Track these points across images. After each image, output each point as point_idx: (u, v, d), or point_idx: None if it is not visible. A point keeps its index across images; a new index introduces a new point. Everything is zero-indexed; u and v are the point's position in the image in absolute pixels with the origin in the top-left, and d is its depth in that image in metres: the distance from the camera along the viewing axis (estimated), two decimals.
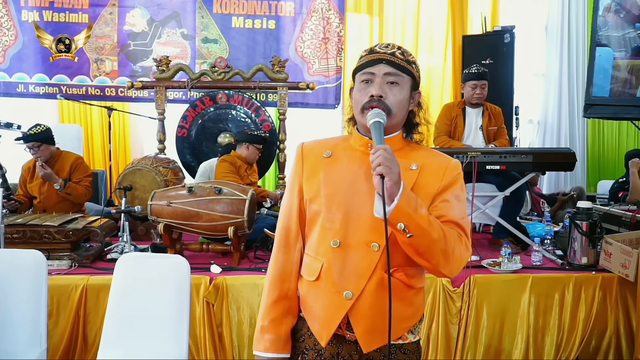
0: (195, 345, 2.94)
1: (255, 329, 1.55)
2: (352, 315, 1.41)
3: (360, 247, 1.40)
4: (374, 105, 1.39)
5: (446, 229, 1.35)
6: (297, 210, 1.51)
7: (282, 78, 4.85)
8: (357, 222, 1.40)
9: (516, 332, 3.06)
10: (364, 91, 1.42)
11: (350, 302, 1.39)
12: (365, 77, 1.44)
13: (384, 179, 1.25)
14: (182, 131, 5.01)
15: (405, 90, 1.44)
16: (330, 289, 1.41)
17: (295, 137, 5.10)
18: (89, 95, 5.68)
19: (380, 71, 1.42)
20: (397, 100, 1.42)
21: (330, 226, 1.42)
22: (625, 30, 2.06)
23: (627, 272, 2.97)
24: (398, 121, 1.46)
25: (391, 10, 5.93)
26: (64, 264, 3.14)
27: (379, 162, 1.25)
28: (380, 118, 1.37)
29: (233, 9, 5.67)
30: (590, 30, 5.54)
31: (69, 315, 2.93)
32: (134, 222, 3.94)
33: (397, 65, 1.42)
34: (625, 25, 2.06)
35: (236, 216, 3.17)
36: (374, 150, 1.28)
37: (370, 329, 1.40)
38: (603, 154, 6.36)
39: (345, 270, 1.40)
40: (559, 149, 5.04)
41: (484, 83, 4.02)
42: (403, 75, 1.43)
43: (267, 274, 1.55)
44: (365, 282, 1.39)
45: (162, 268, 2.35)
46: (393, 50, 1.44)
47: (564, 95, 6.18)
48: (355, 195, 1.42)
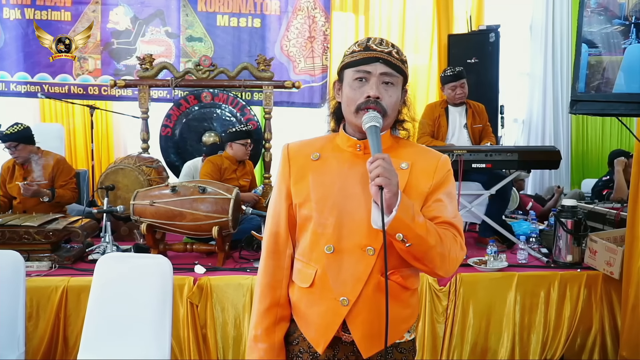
0: (179, 346, 2.90)
1: (248, 338, 1.52)
2: (349, 321, 1.38)
3: (355, 252, 1.37)
4: (371, 107, 1.35)
5: (442, 232, 1.34)
6: (286, 215, 1.47)
7: (267, 77, 4.81)
8: (350, 227, 1.37)
9: (502, 331, 3.06)
10: (359, 90, 1.38)
11: (347, 308, 1.36)
12: (360, 75, 1.38)
13: (383, 190, 1.22)
14: (166, 130, 4.95)
15: (398, 90, 1.41)
16: (326, 296, 1.38)
17: (281, 137, 5.07)
18: (71, 94, 5.59)
19: (376, 70, 1.37)
20: (393, 102, 1.39)
21: (323, 231, 1.39)
22: (602, 26, 2.06)
23: (612, 269, 2.99)
24: (390, 122, 1.44)
25: (377, 9, 5.91)
26: (44, 265, 3.08)
27: (378, 173, 1.22)
28: (376, 122, 1.33)
29: (218, 7, 5.62)
30: (575, 29, 5.59)
31: (49, 317, 2.88)
32: (116, 222, 3.88)
33: (393, 66, 1.38)
34: (602, 21, 2.06)
35: (220, 216, 3.13)
36: (371, 160, 1.25)
37: (369, 333, 1.38)
38: (587, 152, 6.41)
39: (341, 276, 1.37)
40: (544, 147, 5.05)
41: (463, 82, 4.03)
42: (398, 76, 1.40)
43: (257, 281, 1.52)
44: (362, 287, 1.36)
45: (143, 268, 2.31)
46: (389, 49, 1.39)
47: (548, 95, 6.22)
48: (347, 198, 1.38)
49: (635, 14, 1.96)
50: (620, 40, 1.98)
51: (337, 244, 1.38)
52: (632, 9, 1.97)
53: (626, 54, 1.97)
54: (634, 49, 1.95)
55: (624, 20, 1.99)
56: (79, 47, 5.41)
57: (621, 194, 4.27)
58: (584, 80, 2.06)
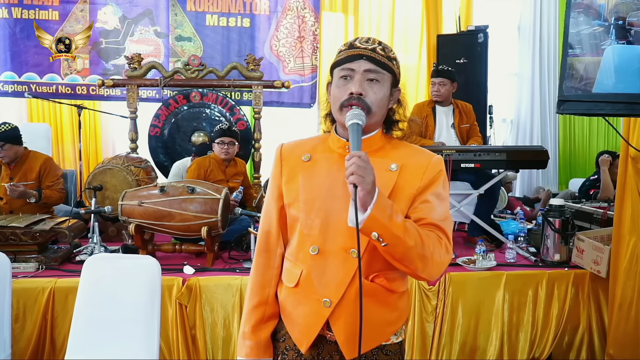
0: (168, 348, 2.89)
1: (239, 334, 1.54)
2: (333, 322, 1.39)
3: (339, 254, 1.37)
4: (354, 103, 1.34)
5: (424, 234, 1.32)
6: (277, 215, 1.48)
7: (257, 76, 4.81)
8: (335, 228, 1.37)
9: (491, 330, 3.07)
10: (343, 88, 1.37)
11: (329, 309, 1.37)
12: (344, 73, 1.38)
13: (357, 188, 1.21)
14: (154, 130, 4.92)
15: (385, 87, 1.39)
16: (310, 296, 1.38)
17: (271, 137, 5.06)
18: (59, 94, 5.55)
19: (360, 67, 1.36)
20: (378, 99, 1.37)
21: (309, 232, 1.39)
22: (583, 27, 2.08)
23: (599, 268, 3.01)
24: (377, 120, 1.42)
25: (366, 10, 5.92)
26: (30, 267, 3.05)
27: (352, 171, 1.21)
28: (359, 119, 1.32)
29: (207, 6, 5.61)
30: (562, 29, 5.64)
31: (36, 319, 2.85)
32: (104, 222, 3.85)
33: (377, 62, 1.37)
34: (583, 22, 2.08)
35: (210, 216, 3.12)
36: (348, 157, 1.24)
37: (352, 335, 1.37)
38: (574, 152, 6.46)
39: (325, 277, 1.38)
40: (532, 146, 5.09)
41: (442, 80, 4.04)
42: (384, 72, 1.38)
43: (249, 279, 1.53)
44: (345, 289, 1.36)
45: (131, 269, 2.30)
46: (374, 45, 1.39)
47: (536, 95, 6.26)
48: (334, 200, 1.38)
49: (614, 14, 1.98)
50: (600, 41, 2.01)
51: (322, 245, 1.38)
52: (611, 9, 1.99)
53: (605, 54, 1.99)
54: (615, 49, 1.98)
55: (603, 21, 2.01)
56: (79, 47, 5.36)
57: (608, 194, 4.32)
58: (570, 80, 2.08)
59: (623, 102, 1.93)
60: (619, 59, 1.99)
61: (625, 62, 1.97)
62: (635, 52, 1.95)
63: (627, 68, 1.95)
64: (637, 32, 1.93)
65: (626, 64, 1.97)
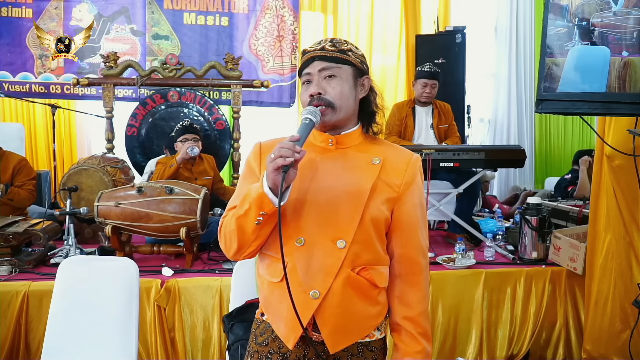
0: (146, 351, 2.85)
1: (224, 223, 1.44)
2: (318, 316, 1.38)
3: (325, 245, 1.37)
4: (315, 103, 1.40)
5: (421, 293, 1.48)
6: None
7: (235, 76, 4.76)
8: (321, 220, 1.38)
9: (470, 328, 3.10)
10: (305, 93, 1.44)
11: (317, 301, 1.36)
12: (305, 79, 1.46)
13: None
14: (131, 130, 4.84)
15: (345, 80, 1.44)
16: (296, 290, 1.36)
17: (250, 136, 5.03)
18: (32, 93, 5.41)
19: (315, 69, 1.44)
20: (338, 92, 1.42)
21: (295, 224, 1.39)
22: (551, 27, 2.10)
23: (575, 265, 3.06)
24: (349, 113, 1.46)
25: (345, 10, 5.92)
26: (3, 270, 2.97)
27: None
28: (312, 116, 1.37)
29: (184, 4, 5.54)
30: (538, 30, 5.69)
31: (9, 323, 2.78)
32: (80, 224, 3.78)
33: (329, 58, 1.43)
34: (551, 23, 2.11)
35: (188, 216, 3.08)
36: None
37: (337, 328, 1.38)
38: (550, 151, 6.56)
39: (311, 268, 1.37)
40: (510, 146, 5.15)
41: (434, 82, 4.08)
42: (339, 66, 1.43)
43: (224, 225, 1.45)
44: (332, 280, 1.36)
45: (108, 271, 2.25)
46: (323, 44, 1.45)
47: (512, 95, 6.34)
48: (319, 192, 1.40)
49: (578, 15, 2.01)
50: (564, 42, 2.04)
51: (308, 236, 1.38)
52: (574, 11, 2.02)
53: (569, 55, 2.02)
54: (580, 50, 2.00)
55: (567, 22, 2.04)
56: (79, 47, 5.23)
57: (584, 192, 4.39)
58: (548, 80, 2.10)
59: (599, 101, 1.96)
60: (582, 60, 2.02)
61: (589, 64, 2.00)
62: (598, 52, 1.97)
63: (590, 69, 1.98)
64: (600, 33, 1.95)
65: (590, 65, 1.99)
